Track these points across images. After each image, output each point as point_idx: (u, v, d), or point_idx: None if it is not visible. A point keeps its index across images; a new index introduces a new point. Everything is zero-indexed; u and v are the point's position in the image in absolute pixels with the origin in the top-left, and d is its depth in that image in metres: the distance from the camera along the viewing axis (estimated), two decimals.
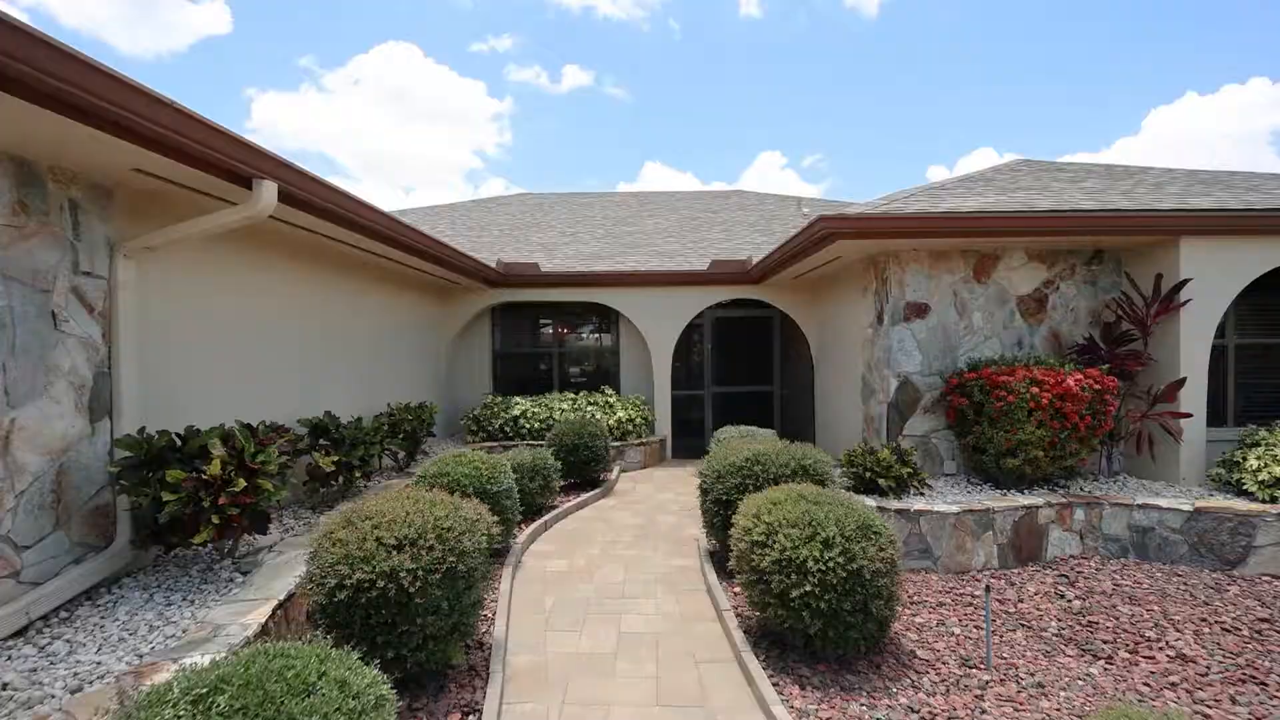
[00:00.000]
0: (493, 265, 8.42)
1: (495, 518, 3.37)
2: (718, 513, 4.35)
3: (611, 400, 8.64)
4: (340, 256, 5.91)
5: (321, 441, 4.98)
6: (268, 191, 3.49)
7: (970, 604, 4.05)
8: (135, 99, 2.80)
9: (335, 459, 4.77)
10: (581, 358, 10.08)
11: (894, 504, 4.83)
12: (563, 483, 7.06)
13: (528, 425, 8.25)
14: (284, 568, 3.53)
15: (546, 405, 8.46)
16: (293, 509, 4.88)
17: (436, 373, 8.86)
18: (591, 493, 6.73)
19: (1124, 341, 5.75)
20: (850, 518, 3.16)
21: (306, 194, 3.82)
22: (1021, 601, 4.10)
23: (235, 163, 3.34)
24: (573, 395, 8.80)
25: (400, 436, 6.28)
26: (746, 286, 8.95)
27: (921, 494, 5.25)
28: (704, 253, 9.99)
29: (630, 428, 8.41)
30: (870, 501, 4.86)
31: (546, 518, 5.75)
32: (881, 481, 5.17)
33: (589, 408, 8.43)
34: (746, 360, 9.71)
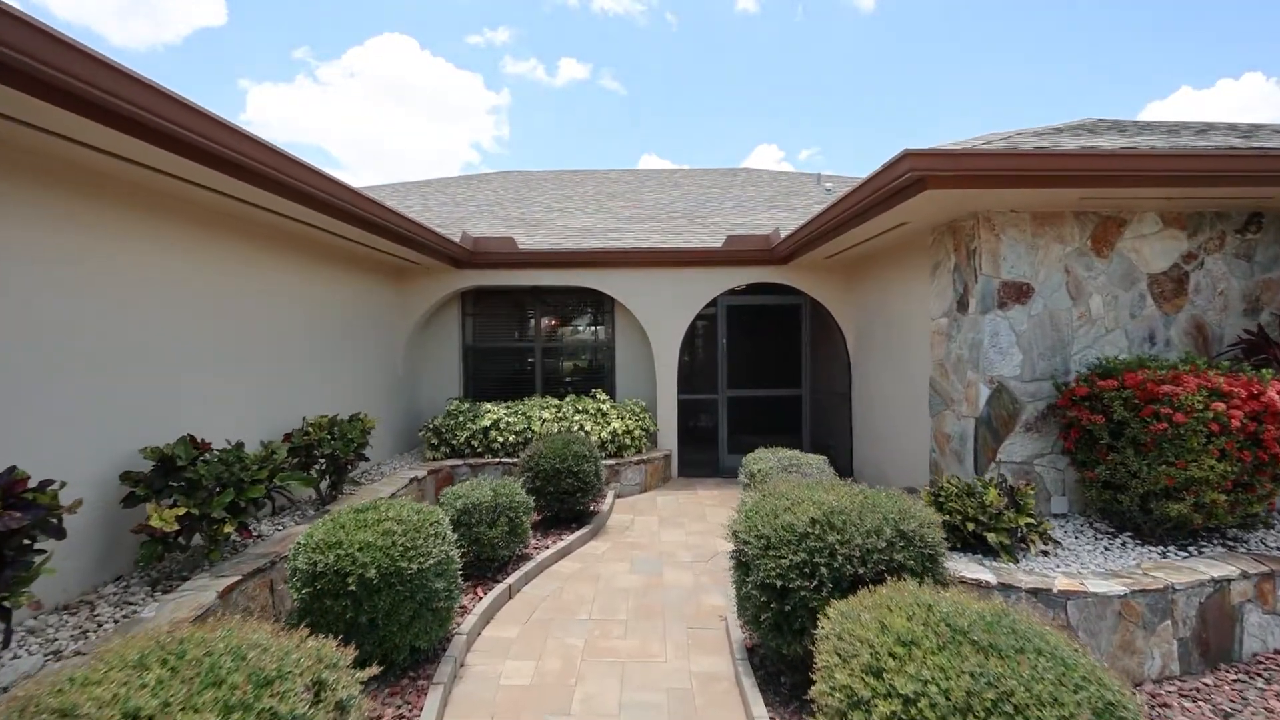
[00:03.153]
0: (456, 240, 6.78)
1: (364, 675, 1.76)
2: (767, 604, 2.75)
3: (604, 407, 7.03)
4: (226, 217, 4.27)
5: (171, 484, 3.36)
6: None
7: None
8: None
9: (183, 511, 3.15)
10: (569, 355, 8.45)
11: (1022, 578, 3.25)
12: (539, 516, 5.47)
13: (500, 439, 6.64)
14: None
15: (524, 414, 6.84)
16: (122, 586, 3.26)
17: (390, 373, 7.23)
18: (577, 533, 5.14)
19: None
20: (1069, 683, 1.57)
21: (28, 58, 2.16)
22: None
23: None
24: (557, 402, 7.18)
25: (319, 463, 4.66)
26: (770, 268, 7.33)
27: (1045, 553, 3.68)
28: (715, 229, 8.37)
29: (628, 441, 6.81)
30: (985, 575, 3.27)
31: (512, 579, 4.16)
32: (990, 537, 3.59)
33: (576, 417, 6.82)
34: (769, 358, 8.10)
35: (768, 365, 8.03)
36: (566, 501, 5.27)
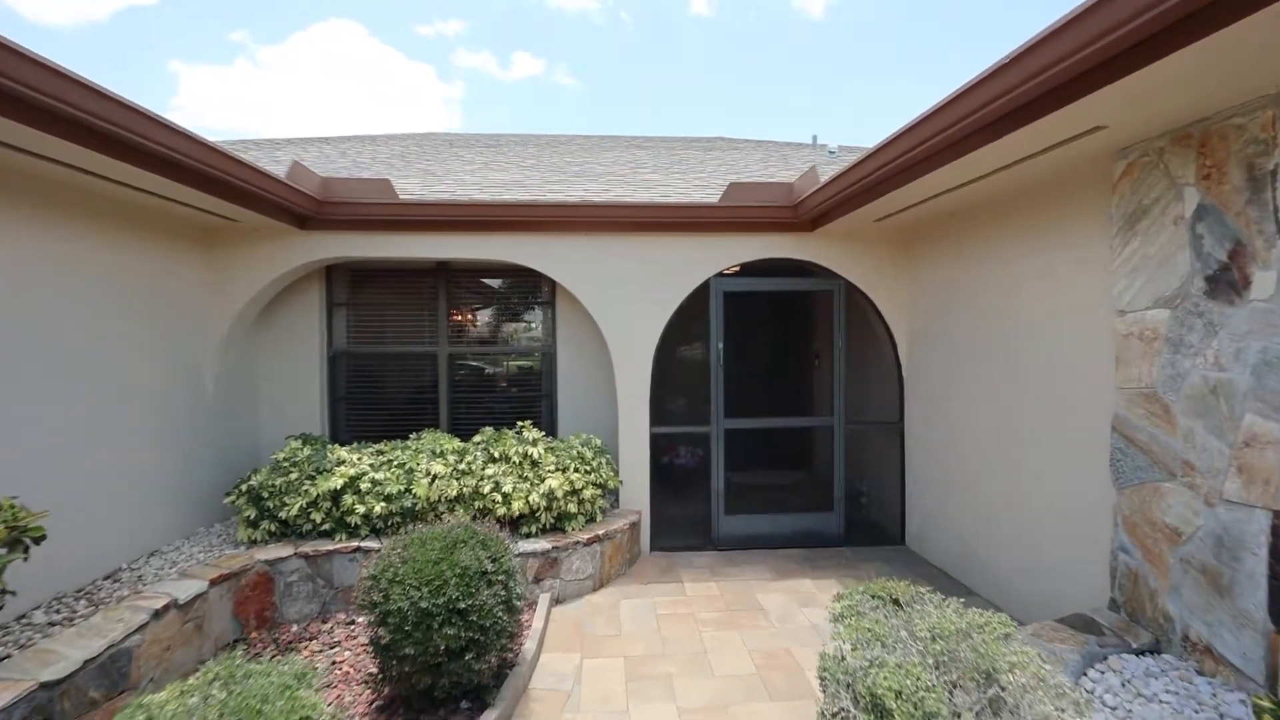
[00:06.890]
0: (283, 178, 4.06)
1: None
2: None
3: (536, 451, 4.44)
4: None
5: None
6: None
7: None
8: None
9: None
10: (487, 369, 5.82)
11: None
12: (395, 692, 2.87)
13: (362, 508, 3.96)
14: None
15: (403, 466, 4.19)
16: None
17: (191, 394, 4.44)
18: None
19: None
20: None
21: None
22: None
23: None
24: (459, 445, 4.53)
25: None
26: (789, 235, 4.92)
27: None
28: (703, 185, 5.91)
29: (572, 507, 4.26)
30: None
31: None
32: None
33: (489, 471, 4.22)
34: (785, 370, 5.69)
35: (783, 381, 5.62)
36: (448, 668, 2.68)
